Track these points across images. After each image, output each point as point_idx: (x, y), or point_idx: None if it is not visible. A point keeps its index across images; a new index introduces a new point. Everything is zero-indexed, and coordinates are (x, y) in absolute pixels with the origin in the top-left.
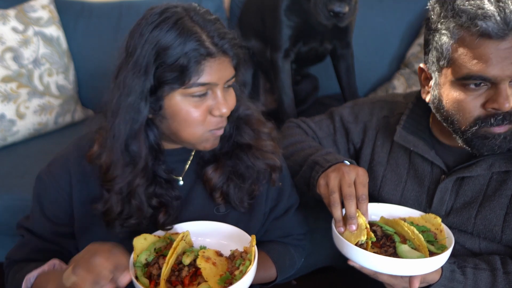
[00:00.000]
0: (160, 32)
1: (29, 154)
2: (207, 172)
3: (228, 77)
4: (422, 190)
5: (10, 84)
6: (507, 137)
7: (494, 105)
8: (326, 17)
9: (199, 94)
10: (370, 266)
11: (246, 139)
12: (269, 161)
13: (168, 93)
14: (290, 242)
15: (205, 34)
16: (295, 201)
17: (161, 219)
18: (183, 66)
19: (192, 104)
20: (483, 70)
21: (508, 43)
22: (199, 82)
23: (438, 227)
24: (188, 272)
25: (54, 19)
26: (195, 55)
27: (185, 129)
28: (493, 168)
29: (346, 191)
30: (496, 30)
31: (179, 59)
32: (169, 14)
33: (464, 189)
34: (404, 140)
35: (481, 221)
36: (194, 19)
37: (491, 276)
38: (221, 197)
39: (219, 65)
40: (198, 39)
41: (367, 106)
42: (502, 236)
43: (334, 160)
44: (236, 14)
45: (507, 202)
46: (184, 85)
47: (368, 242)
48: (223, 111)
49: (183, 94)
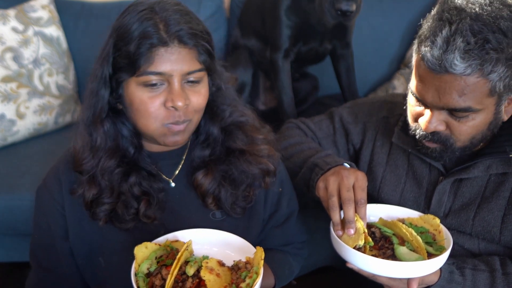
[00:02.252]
0: (123, 19)
1: (29, 154)
2: (197, 177)
3: (187, 70)
4: (420, 191)
5: (10, 84)
6: (437, 153)
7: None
8: (333, 16)
9: (151, 84)
10: (368, 269)
11: (239, 145)
12: (262, 165)
13: (125, 79)
14: (290, 251)
15: (163, 23)
16: (295, 208)
17: (142, 208)
18: (134, 54)
19: (145, 94)
20: (419, 91)
21: (439, 80)
22: (150, 70)
23: (436, 228)
24: (192, 283)
25: (54, 19)
26: (145, 42)
27: (140, 120)
28: (491, 170)
29: (345, 195)
30: (430, 62)
31: (131, 46)
32: (138, 5)
33: (462, 191)
34: (403, 141)
35: (479, 223)
36: (158, 9)
37: (490, 277)
38: (213, 203)
39: (173, 55)
40: (153, 26)
41: (367, 107)
42: (501, 237)
43: (333, 163)
44: (236, 14)
45: (505, 203)
46: (135, 74)
47: (366, 246)
48: (178, 104)
49: (137, 82)
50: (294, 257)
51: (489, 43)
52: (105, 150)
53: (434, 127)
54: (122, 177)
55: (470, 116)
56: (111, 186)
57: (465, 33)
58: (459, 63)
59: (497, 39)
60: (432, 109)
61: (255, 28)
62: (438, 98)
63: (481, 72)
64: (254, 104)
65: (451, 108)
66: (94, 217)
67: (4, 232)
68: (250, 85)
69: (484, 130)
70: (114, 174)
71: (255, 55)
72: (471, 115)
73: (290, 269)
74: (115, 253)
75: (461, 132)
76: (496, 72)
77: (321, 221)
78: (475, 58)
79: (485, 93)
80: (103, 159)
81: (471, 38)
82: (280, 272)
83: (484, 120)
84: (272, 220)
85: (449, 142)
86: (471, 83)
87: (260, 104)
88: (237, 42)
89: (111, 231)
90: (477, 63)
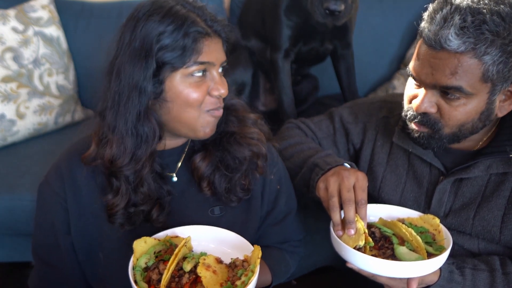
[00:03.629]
0: (155, 19)
1: (29, 154)
2: (195, 160)
3: (223, 59)
4: (421, 191)
5: (10, 84)
6: (425, 139)
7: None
8: (322, 15)
9: (198, 74)
10: (368, 268)
11: (231, 127)
12: (253, 147)
13: (169, 74)
14: (286, 248)
15: (198, 17)
16: (293, 207)
17: (155, 213)
18: (183, 46)
19: (192, 84)
20: (414, 69)
21: (434, 56)
22: (199, 60)
23: (436, 227)
24: (188, 279)
25: (54, 19)
26: (194, 35)
27: (185, 111)
28: (491, 170)
29: (345, 196)
30: (427, 37)
31: (179, 40)
32: (161, 4)
33: (463, 191)
34: (403, 141)
35: (479, 222)
36: (185, 6)
37: (490, 277)
38: (208, 187)
39: (215, 45)
40: (194, 21)
41: (367, 107)
42: (501, 236)
43: (334, 163)
44: (236, 14)
45: (505, 203)
46: (184, 64)
47: (366, 246)
48: (222, 91)
49: (183, 74)
50: (291, 254)
51: (485, 24)
52: (146, 154)
53: (425, 107)
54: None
55: (461, 100)
56: (149, 192)
57: (463, 12)
58: (453, 39)
59: (494, 22)
60: (426, 88)
61: (255, 28)
62: (431, 75)
63: (474, 52)
64: (254, 105)
65: (443, 85)
66: (112, 219)
67: (4, 232)
68: (250, 86)
69: (475, 120)
70: (150, 179)
71: (255, 55)
72: (462, 99)
73: (287, 267)
74: (115, 249)
75: (451, 116)
76: (489, 55)
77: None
78: (470, 37)
79: (478, 76)
80: (146, 166)
81: (468, 16)
82: (277, 269)
83: (475, 107)
84: (270, 218)
85: (437, 126)
86: (464, 63)
87: (260, 105)
88: (237, 42)
89: (111, 227)
90: (471, 42)
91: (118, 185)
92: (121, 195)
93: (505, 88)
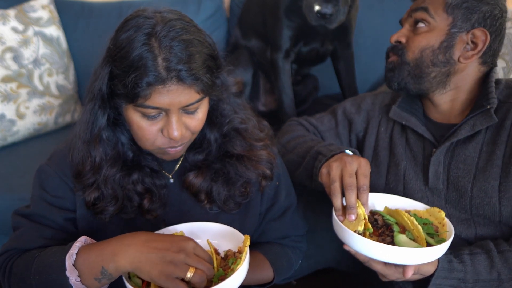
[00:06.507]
0: (121, 41)
1: (29, 154)
2: (188, 177)
3: (185, 103)
4: (418, 167)
5: (10, 84)
6: (392, 68)
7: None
8: (314, 18)
9: (148, 114)
10: (364, 251)
11: (238, 150)
12: (259, 171)
13: (122, 104)
14: (287, 243)
15: (162, 56)
16: (293, 202)
17: (146, 204)
18: (131, 87)
19: (143, 121)
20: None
21: None
22: (147, 104)
23: (441, 221)
24: None
25: (54, 19)
26: (142, 79)
27: (138, 140)
28: (476, 127)
29: (347, 181)
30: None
31: (128, 79)
32: (140, 24)
33: (456, 160)
34: (398, 116)
35: (477, 194)
36: (160, 35)
37: (488, 258)
38: (206, 199)
39: (170, 92)
40: (152, 60)
41: (369, 97)
42: (501, 208)
43: (337, 150)
44: (236, 14)
45: (499, 171)
46: (133, 103)
47: (366, 232)
48: (174, 135)
49: (134, 109)
50: (292, 250)
51: None
52: (105, 161)
53: (397, 36)
54: (124, 177)
55: (425, 28)
56: (115, 194)
57: None
58: None
59: None
60: (403, 23)
61: (255, 28)
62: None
63: None
64: (254, 105)
65: (413, 8)
66: (98, 217)
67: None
68: (250, 86)
69: (435, 47)
70: (116, 179)
71: (255, 55)
72: (426, 27)
73: (289, 262)
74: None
75: (414, 41)
76: None
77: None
78: None
79: (442, 4)
80: (104, 169)
81: None
82: (278, 264)
83: (435, 35)
84: (270, 214)
85: (402, 52)
86: None
87: (260, 105)
88: (237, 42)
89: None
90: None
91: (83, 184)
92: (86, 190)
93: (467, 30)
